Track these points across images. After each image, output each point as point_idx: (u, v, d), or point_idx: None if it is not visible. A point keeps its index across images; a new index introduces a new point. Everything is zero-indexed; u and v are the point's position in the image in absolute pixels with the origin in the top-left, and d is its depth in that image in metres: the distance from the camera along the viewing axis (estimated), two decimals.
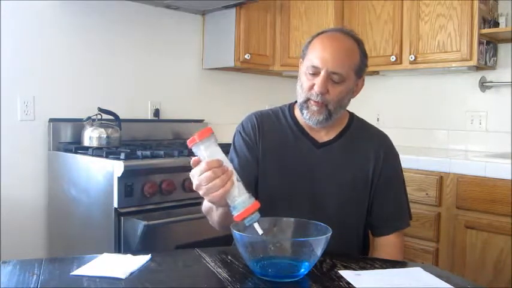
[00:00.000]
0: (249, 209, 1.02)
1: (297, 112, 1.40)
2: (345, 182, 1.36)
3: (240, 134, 1.41)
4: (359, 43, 1.34)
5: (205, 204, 1.30)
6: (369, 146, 1.39)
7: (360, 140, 1.40)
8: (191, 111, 3.04)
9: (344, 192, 1.36)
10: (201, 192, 1.06)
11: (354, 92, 1.36)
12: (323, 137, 1.39)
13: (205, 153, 1.04)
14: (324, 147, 1.38)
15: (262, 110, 1.47)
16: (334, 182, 1.36)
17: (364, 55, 1.34)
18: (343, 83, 1.29)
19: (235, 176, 1.05)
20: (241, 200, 1.03)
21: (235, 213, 1.03)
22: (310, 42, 1.34)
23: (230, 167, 1.05)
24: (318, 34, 1.34)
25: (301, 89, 1.33)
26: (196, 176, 1.04)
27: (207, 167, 1.02)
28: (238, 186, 1.04)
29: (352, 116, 1.46)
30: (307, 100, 1.31)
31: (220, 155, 1.05)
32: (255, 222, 1.03)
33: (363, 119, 1.48)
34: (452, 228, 2.29)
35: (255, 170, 1.37)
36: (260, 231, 1.03)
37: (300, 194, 1.35)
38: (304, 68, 1.32)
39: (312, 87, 1.29)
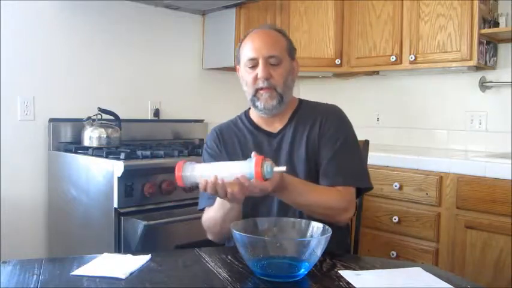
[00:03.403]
0: (257, 169, 1.08)
1: (251, 113, 1.50)
2: (301, 161, 1.39)
3: (206, 150, 1.51)
4: (280, 30, 1.47)
5: (208, 219, 1.36)
6: (316, 120, 1.44)
7: (309, 118, 1.45)
8: (191, 111, 3.04)
9: (302, 171, 1.38)
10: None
11: (293, 74, 1.45)
12: (277, 127, 1.46)
13: (194, 178, 1.16)
14: (278, 135, 1.44)
15: (222, 123, 1.56)
16: (292, 165, 1.39)
17: (288, 39, 1.46)
18: (281, 64, 1.39)
19: (225, 171, 1.13)
20: (245, 170, 1.10)
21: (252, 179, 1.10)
22: (239, 46, 1.45)
23: (216, 171, 1.14)
24: (244, 37, 1.46)
25: (247, 86, 1.42)
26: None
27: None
28: (231, 167, 1.14)
29: (301, 100, 1.53)
30: (256, 92, 1.40)
31: (201, 170, 1.16)
32: (271, 170, 1.09)
33: (314, 101, 1.54)
34: (452, 228, 2.29)
35: None
36: (282, 169, 1.11)
37: None
38: (243, 66, 1.43)
39: (256, 78, 1.38)
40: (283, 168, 1.11)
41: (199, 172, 1.15)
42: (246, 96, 1.45)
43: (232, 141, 1.48)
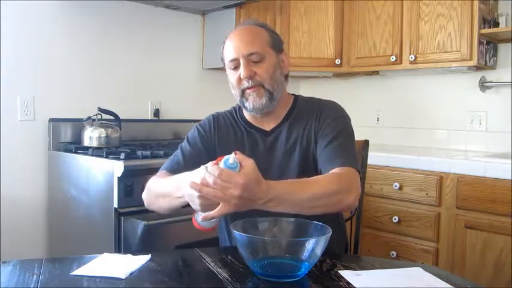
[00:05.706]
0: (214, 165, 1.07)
1: (245, 111, 1.44)
2: (294, 164, 1.35)
3: (197, 127, 1.46)
4: (262, 25, 1.40)
5: (156, 184, 1.33)
6: (312, 116, 1.38)
7: (304, 117, 1.40)
8: (191, 111, 3.04)
9: (295, 173, 1.33)
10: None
11: (282, 68, 1.39)
12: (271, 125, 1.41)
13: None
14: (272, 133, 1.40)
15: (220, 111, 1.51)
16: (285, 165, 1.35)
17: (272, 31, 1.40)
18: (265, 60, 1.33)
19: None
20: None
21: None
22: (222, 48, 1.40)
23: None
24: (225, 38, 1.40)
25: (234, 88, 1.37)
26: None
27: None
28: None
29: (297, 96, 1.47)
30: (243, 92, 1.35)
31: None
32: (226, 161, 1.06)
33: (310, 97, 1.48)
34: (452, 228, 2.29)
35: (205, 161, 1.27)
36: (232, 155, 1.06)
37: None
38: (227, 68, 1.38)
39: (239, 78, 1.33)
40: (232, 154, 1.05)
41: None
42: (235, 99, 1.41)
43: (228, 132, 1.43)
